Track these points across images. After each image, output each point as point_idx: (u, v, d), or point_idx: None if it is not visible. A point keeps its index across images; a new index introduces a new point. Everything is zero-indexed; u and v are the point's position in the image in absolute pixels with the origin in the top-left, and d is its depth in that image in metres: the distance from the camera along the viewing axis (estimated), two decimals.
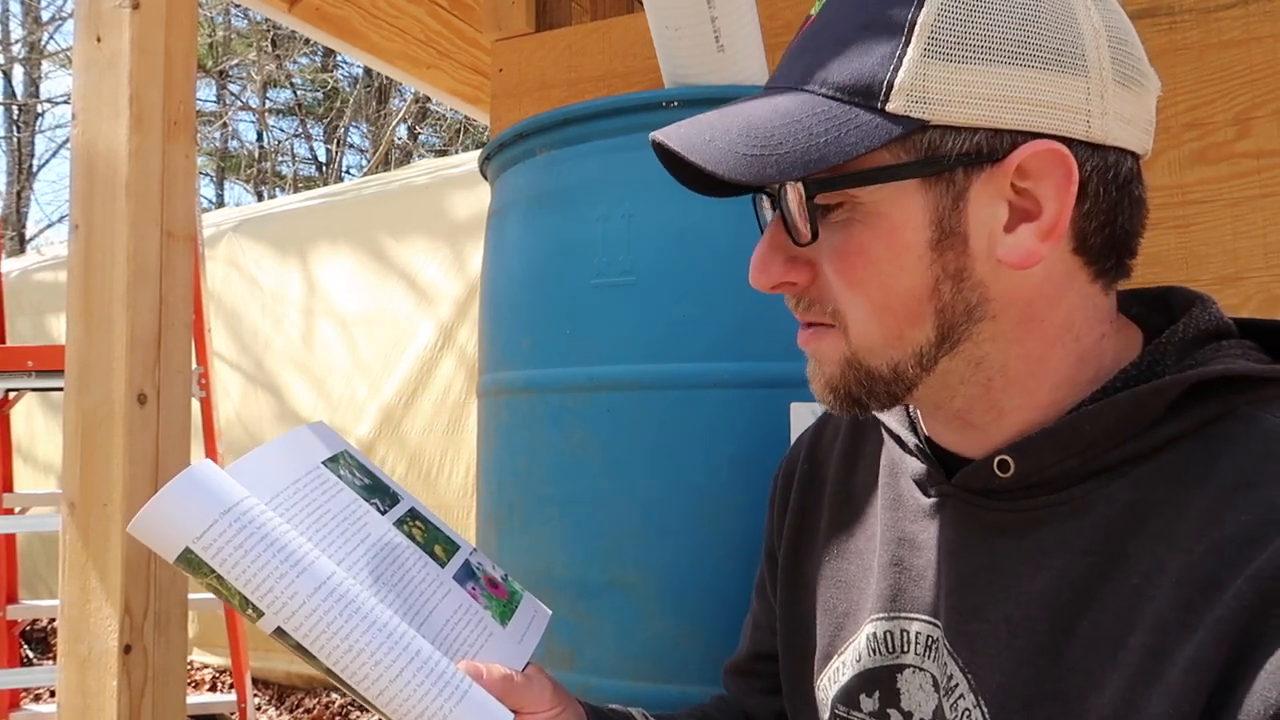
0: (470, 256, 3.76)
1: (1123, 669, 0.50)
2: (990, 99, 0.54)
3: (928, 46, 0.53)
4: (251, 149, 13.04)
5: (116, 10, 1.23)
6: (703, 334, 1.01)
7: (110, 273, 1.22)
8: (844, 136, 0.53)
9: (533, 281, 1.12)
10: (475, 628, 0.69)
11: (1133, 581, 0.51)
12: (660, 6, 1.14)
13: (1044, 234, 0.55)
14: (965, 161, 0.54)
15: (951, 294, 0.56)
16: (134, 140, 1.22)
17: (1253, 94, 1.32)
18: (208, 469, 0.61)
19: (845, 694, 0.67)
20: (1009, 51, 0.54)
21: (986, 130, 0.54)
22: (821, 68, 0.56)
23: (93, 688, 1.19)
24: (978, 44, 0.54)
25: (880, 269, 0.55)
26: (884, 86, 0.53)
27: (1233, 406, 0.53)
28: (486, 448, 1.22)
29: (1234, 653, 0.46)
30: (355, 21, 2.38)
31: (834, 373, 0.59)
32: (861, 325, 0.57)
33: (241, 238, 4.53)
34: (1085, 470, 0.56)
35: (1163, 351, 0.57)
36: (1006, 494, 0.59)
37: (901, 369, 0.57)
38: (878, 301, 0.56)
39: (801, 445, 0.81)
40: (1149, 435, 0.54)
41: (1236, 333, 0.59)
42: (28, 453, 4.87)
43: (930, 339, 0.56)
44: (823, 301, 0.59)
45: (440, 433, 3.72)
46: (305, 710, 3.90)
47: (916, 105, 0.53)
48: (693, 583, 1.00)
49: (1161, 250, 1.33)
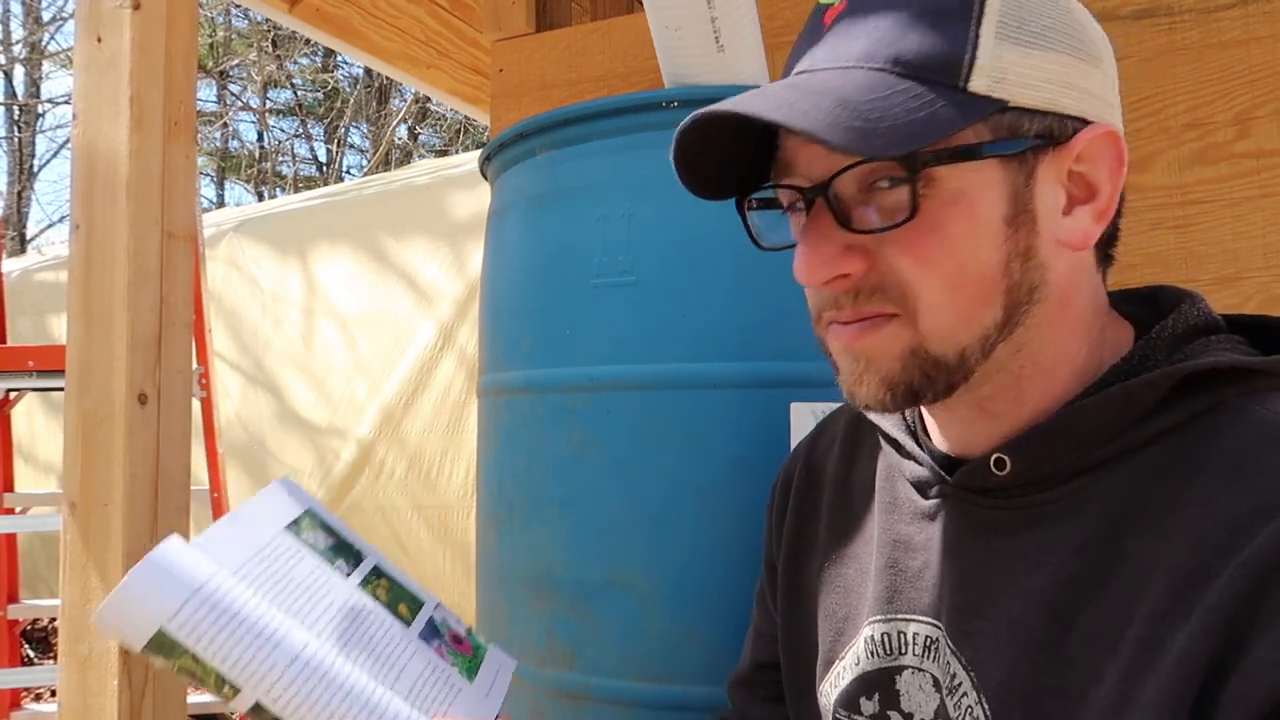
0: (470, 256, 3.76)
1: (1120, 662, 0.50)
2: (1056, 83, 0.55)
3: (999, 29, 0.54)
4: (252, 149, 13.04)
5: (117, 11, 1.23)
6: (703, 334, 1.01)
7: (111, 273, 1.22)
8: (938, 113, 0.52)
9: (533, 281, 1.12)
10: (443, 686, 0.70)
11: (1128, 575, 0.52)
12: (660, 6, 1.14)
13: (1098, 216, 0.57)
14: (1038, 142, 0.55)
15: (1020, 273, 0.56)
16: (135, 140, 1.22)
17: (1253, 94, 1.32)
18: (171, 548, 0.60)
19: (845, 698, 0.67)
20: (1059, 40, 0.55)
21: (1054, 114, 0.55)
22: (889, 46, 0.54)
23: (93, 687, 1.19)
24: (1036, 30, 0.55)
25: (957, 246, 0.54)
26: (966, 66, 0.53)
27: (1222, 399, 0.54)
28: (486, 448, 1.22)
29: (1224, 641, 0.46)
30: (355, 22, 2.38)
31: (893, 368, 0.57)
32: (934, 308, 0.55)
33: (242, 238, 4.53)
34: (1079, 466, 0.56)
35: (1154, 346, 0.58)
36: (1003, 492, 0.59)
37: (967, 354, 0.56)
38: (953, 280, 0.55)
39: (799, 454, 0.81)
40: (1140, 429, 0.54)
41: (1225, 328, 0.60)
42: (28, 453, 4.87)
43: (997, 320, 0.56)
44: (886, 288, 0.56)
45: (440, 433, 3.72)
46: None
47: (998, 85, 0.54)
48: (693, 582, 1.00)
49: (1161, 250, 1.33)
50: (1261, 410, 0.53)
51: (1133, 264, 1.33)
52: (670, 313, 1.02)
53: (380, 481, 3.81)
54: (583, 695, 1.04)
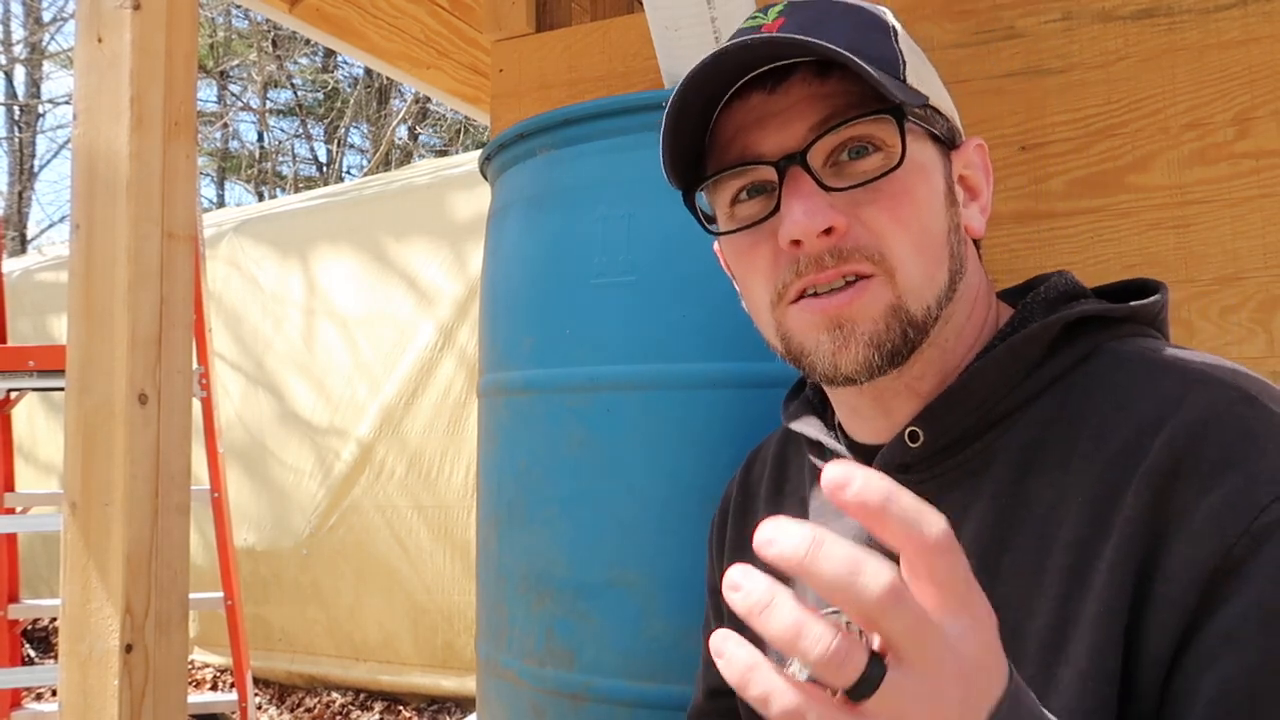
0: (471, 257, 3.76)
1: (1048, 591, 0.55)
2: (945, 99, 0.66)
3: (906, 45, 0.64)
4: (252, 149, 13.05)
5: (118, 11, 1.23)
6: (703, 334, 1.01)
7: (111, 273, 1.22)
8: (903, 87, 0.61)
9: (533, 281, 1.12)
10: None
11: (1039, 512, 0.57)
12: (660, 6, 1.14)
13: (983, 210, 0.67)
14: (948, 139, 0.65)
15: (956, 244, 0.64)
16: (135, 140, 1.22)
17: (1252, 94, 1.32)
18: None
19: None
20: (926, 57, 0.66)
21: (950, 121, 0.66)
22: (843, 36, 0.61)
23: (94, 687, 1.19)
24: (922, 54, 0.65)
25: (921, 209, 0.61)
26: (900, 63, 0.62)
27: (1096, 345, 0.61)
28: (486, 448, 1.22)
29: (1144, 547, 0.51)
30: (355, 22, 2.38)
31: (877, 328, 0.60)
32: (907, 264, 0.60)
33: (242, 238, 4.53)
34: (983, 425, 0.61)
35: (1030, 311, 0.64)
36: (923, 464, 0.63)
37: (930, 313, 0.62)
38: (919, 240, 0.61)
39: (733, 483, 0.85)
40: (1030, 381, 0.60)
41: (1091, 295, 0.67)
42: (29, 453, 4.87)
43: (946, 285, 0.63)
44: (863, 247, 0.60)
45: (440, 433, 3.72)
46: (306, 710, 3.90)
47: (922, 84, 0.63)
48: (693, 582, 1.00)
49: (1161, 250, 1.33)
50: (1131, 349, 0.60)
51: (1132, 264, 1.33)
52: (670, 313, 1.02)
53: (380, 481, 3.81)
54: (583, 695, 1.04)
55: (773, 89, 0.62)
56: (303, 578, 3.97)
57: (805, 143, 0.60)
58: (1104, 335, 0.61)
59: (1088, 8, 1.40)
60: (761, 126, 0.62)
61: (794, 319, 0.63)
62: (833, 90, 0.61)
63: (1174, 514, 0.51)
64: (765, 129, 0.62)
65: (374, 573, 3.80)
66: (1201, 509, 0.50)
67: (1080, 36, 1.40)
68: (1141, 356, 0.59)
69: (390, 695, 3.83)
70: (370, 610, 3.83)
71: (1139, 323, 0.63)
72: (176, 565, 1.25)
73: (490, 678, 1.17)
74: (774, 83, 0.62)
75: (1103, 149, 1.35)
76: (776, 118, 0.62)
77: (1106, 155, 1.35)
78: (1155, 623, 0.50)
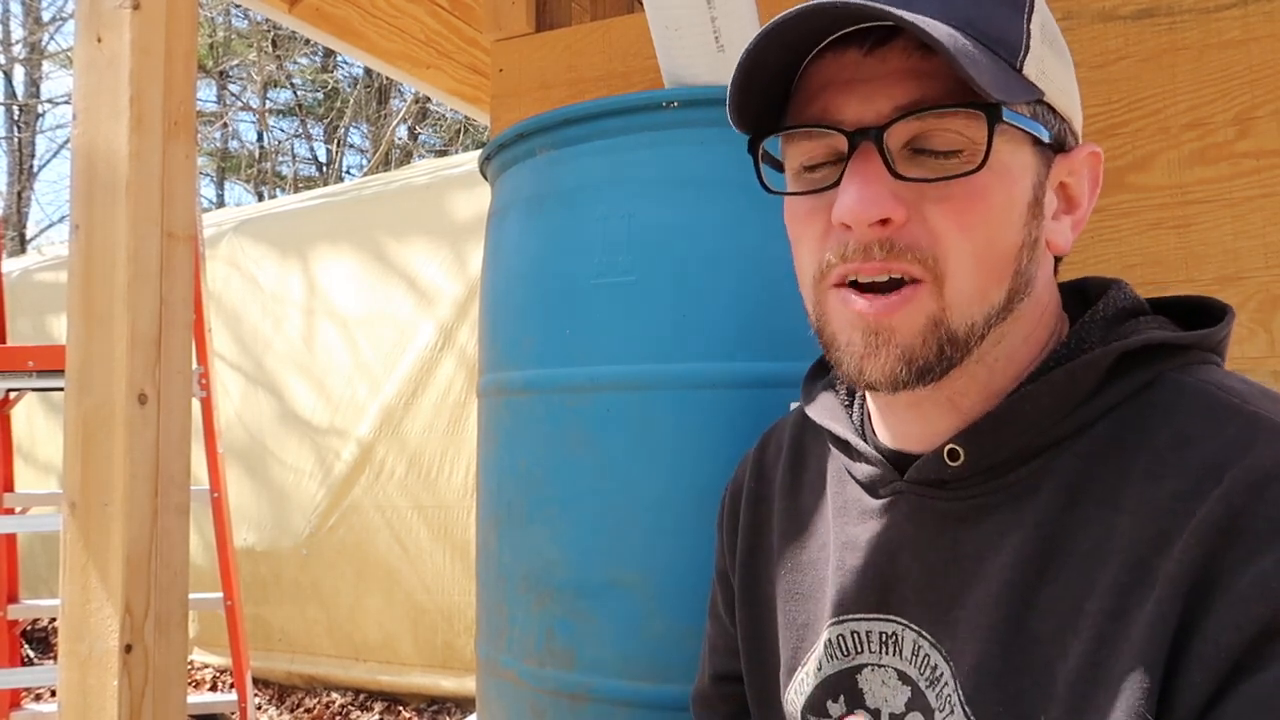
0: (470, 257, 3.76)
1: (1083, 634, 0.52)
2: (1069, 94, 0.58)
3: (1042, 28, 0.57)
4: (252, 149, 13.04)
5: (117, 11, 1.23)
6: (703, 334, 1.01)
7: (111, 273, 1.22)
8: (1011, 78, 0.54)
9: (533, 282, 1.12)
10: None
11: (1084, 548, 0.54)
12: (660, 6, 1.14)
13: (1075, 226, 0.60)
14: (1055, 144, 0.58)
15: (1026, 261, 0.58)
16: (134, 140, 1.22)
17: (1253, 94, 1.32)
18: None
19: (811, 704, 0.68)
20: (1067, 57, 0.58)
21: (1067, 123, 0.58)
22: (960, 11, 0.55)
23: (93, 687, 1.19)
24: (1058, 40, 0.58)
25: (993, 217, 0.56)
26: (1022, 49, 0.55)
27: (1158, 374, 0.56)
28: (486, 448, 1.22)
29: (1188, 604, 0.48)
30: (355, 22, 2.38)
31: (914, 341, 0.56)
32: (960, 275, 0.55)
33: (242, 238, 4.53)
34: (1031, 450, 0.58)
35: (1088, 330, 0.60)
36: (960, 483, 0.60)
37: (974, 331, 0.57)
38: (982, 250, 0.56)
39: (746, 465, 0.82)
40: (1085, 409, 0.57)
41: (1150, 310, 0.62)
42: (28, 453, 4.87)
43: (1000, 303, 0.57)
44: (918, 247, 0.55)
45: (440, 433, 3.72)
46: (305, 710, 3.90)
47: (1042, 77, 0.56)
48: (693, 582, 1.00)
49: (1161, 250, 1.33)
50: (1195, 382, 0.55)
51: (1133, 264, 1.33)
52: (670, 313, 1.02)
53: (380, 481, 3.81)
54: (583, 695, 1.04)
55: (871, 50, 0.56)
56: (302, 578, 3.96)
57: (885, 120, 0.55)
58: (1166, 364, 0.57)
59: (1088, 8, 1.40)
60: (850, 90, 0.57)
61: (832, 305, 0.59)
62: (934, 69, 0.55)
63: (1223, 573, 0.48)
64: (852, 94, 0.57)
65: (374, 573, 3.80)
66: (1250, 573, 0.47)
67: (1080, 36, 1.39)
68: (1205, 392, 0.54)
69: (390, 695, 3.83)
70: (370, 610, 3.83)
71: (1202, 349, 0.58)
72: (176, 565, 1.25)
73: (490, 678, 1.16)
74: (874, 43, 0.56)
75: (1103, 149, 1.35)
76: (866, 84, 0.56)
77: (1107, 155, 1.35)
78: (1188, 682, 0.48)
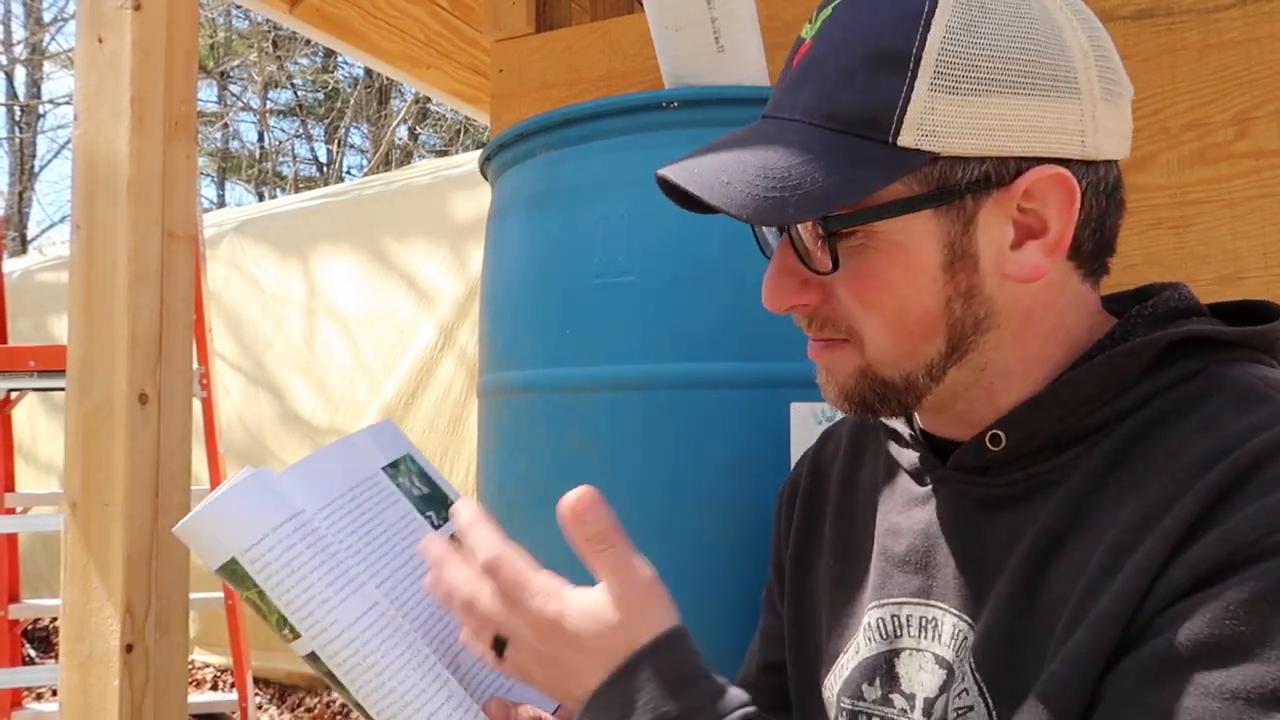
0: (471, 257, 3.76)
1: (1079, 590, 0.53)
2: (995, 129, 0.56)
3: (934, 80, 0.55)
4: (252, 149, 13.06)
5: (118, 11, 1.24)
6: (703, 334, 1.01)
7: (112, 273, 1.22)
8: (859, 173, 0.55)
9: (533, 281, 1.12)
10: None
11: (1103, 522, 0.55)
12: (660, 6, 1.14)
13: (1049, 250, 0.58)
14: (974, 189, 0.57)
15: (962, 310, 0.59)
16: (135, 141, 1.22)
17: (1252, 94, 1.32)
18: (264, 478, 0.59)
19: (849, 686, 0.68)
20: (1010, 81, 0.56)
21: (993, 159, 0.56)
22: (828, 100, 0.57)
23: (94, 687, 1.19)
24: (981, 76, 0.55)
25: (895, 291, 0.58)
26: (894, 121, 0.55)
27: (1203, 366, 0.57)
28: (486, 448, 1.22)
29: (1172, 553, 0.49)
30: (356, 22, 2.38)
31: (848, 383, 0.62)
32: (876, 342, 0.59)
33: (242, 238, 4.53)
34: (1070, 435, 0.59)
35: (1133, 323, 0.61)
36: (1000, 468, 0.61)
37: (913, 379, 0.60)
38: (893, 321, 0.59)
39: (805, 461, 0.84)
40: (1125, 396, 0.57)
41: (1207, 312, 0.62)
42: (29, 453, 4.87)
43: (941, 351, 0.60)
44: (836, 321, 0.60)
45: (440, 433, 3.72)
46: (306, 709, 3.90)
47: (927, 139, 0.55)
48: (692, 583, 1.00)
49: (1161, 250, 1.33)
50: (1237, 375, 0.56)
51: (1132, 264, 1.33)
52: (670, 313, 1.02)
53: None
54: None
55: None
56: None
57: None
58: (1212, 357, 0.58)
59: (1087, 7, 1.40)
60: None
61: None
62: None
63: (1204, 524, 0.49)
64: None
65: None
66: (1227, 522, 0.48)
67: None
68: (1246, 383, 0.55)
69: None
70: None
71: (1253, 348, 0.59)
72: (176, 565, 1.25)
73: None
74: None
75: None
76: None
77: None
78: (1141, 616, 0.49)
